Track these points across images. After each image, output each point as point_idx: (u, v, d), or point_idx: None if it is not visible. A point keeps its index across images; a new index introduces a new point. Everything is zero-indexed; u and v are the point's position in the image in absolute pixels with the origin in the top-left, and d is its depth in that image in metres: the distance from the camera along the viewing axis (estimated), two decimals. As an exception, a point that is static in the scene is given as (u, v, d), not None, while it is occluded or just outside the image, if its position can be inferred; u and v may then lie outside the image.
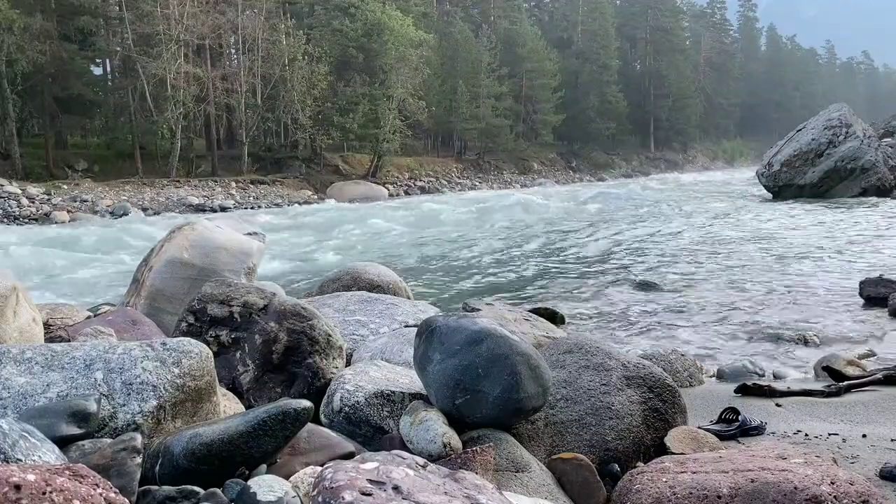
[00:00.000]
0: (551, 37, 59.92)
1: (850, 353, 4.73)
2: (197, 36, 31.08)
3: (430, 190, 37.63)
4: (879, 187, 21.00)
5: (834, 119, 22.47)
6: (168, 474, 1.80)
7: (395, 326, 3.59)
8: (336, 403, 2.45)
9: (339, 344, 2.88)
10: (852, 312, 6.50)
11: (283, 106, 34.07)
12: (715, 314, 6.76)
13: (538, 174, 50.18)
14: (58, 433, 1.77)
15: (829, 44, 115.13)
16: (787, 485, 1.90)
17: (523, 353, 2.32)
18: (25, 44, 25.97)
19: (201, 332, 2.82)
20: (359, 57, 35.57)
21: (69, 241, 15.83)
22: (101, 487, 1.34)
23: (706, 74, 77.39)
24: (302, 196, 30.59)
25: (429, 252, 13.36)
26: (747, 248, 11.56)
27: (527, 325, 4.13)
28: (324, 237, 16.74)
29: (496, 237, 15.49)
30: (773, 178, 22.83)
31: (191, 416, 2.11)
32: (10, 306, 2.75)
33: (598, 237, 14.46)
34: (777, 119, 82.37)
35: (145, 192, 26.96)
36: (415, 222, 19.60)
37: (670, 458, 2.32)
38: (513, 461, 2.20)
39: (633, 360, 2.86)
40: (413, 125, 38.65)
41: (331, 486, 1.46)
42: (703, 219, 17.32)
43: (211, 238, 4.26)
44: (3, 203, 22.14)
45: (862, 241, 11.58)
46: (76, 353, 2.10)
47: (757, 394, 3.65)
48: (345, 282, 5.01)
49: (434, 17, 50.80)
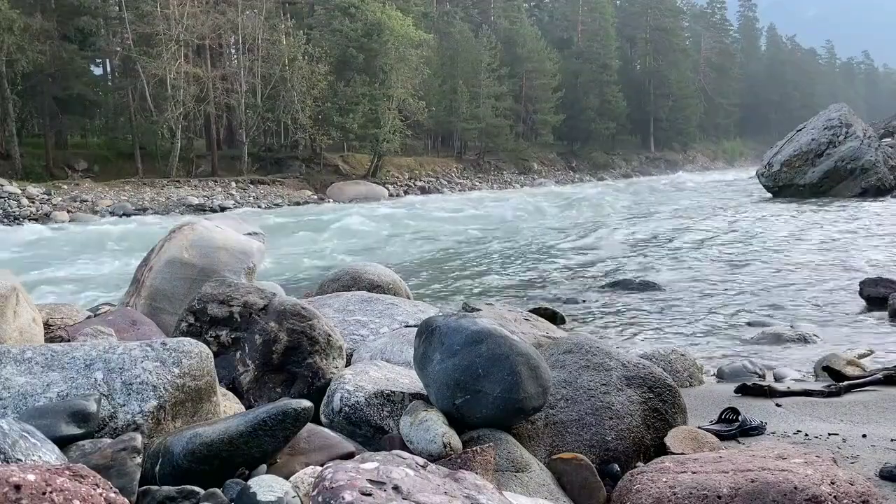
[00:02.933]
0: (551, 37, 59.94)
1: (850, 353, 4.72)
2: (197, 36, 31.08)
3: (429, 190, 37.62)
4: (879, 187, 21.00)
5: (834, 119, 22.47)
6: (168, 474, 1.80)
7: (395, 326, 3.58)
8: (336, 403, 2.45)
9: (340, 344, 2.88)
10: (852, 312, 6.50)
11: (283, 106, 34.06)
12: (715, 314, 6.76)
13: (538, 174, 50.19)
14: (58, 433, 1.77)
15: (829, 44, 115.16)
16: (787, 485, 1.90)
17: (523, 353, 2.31)
18: (25, 44, 25.96)
19: (201, 332, 2.82)
20: (359, 57, 35.57)
21: (69, 241, 15.83)
22: (101, 487, 1.35)
23: (706, 74, 77.40)
24: (302, 196, 30.59)
25: (429, 252, 13.36)
26: (747, 248, 11.56)
27: (527, 325, 4.13)
28: (324, 237, 16.73)
29: (496, 237, 15.49)
30: (773, 178, 22.83)
31: (191, 416, 2.11)
32: (11, 306, 2.75)
33: (599, 237, 14.46)
34: (777, 119, 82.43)
35: (145, 192, 26.96)
36: (415, 222, 19.59)
37: (670, 458, 2.32)
38: (513, 461, 2.20)
39: (633, 359, 2.86)
40: (413, 125, 38.63)
41: (331, 486, 1.46)
42: (703, 219, 17.32)
43: (211, 238, 4.26)
44: (3, 203, 22.14)
45: (862, 241, 11.58)
46: (76, 353, 2.10)
47: (757, 394, 3.65)
48: (345, 282, 5.01)
49: (434, 17, 50.79)
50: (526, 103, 53.01)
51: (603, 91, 59.18)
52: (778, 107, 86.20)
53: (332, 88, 34.89)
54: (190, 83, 30.54)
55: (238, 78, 33.30)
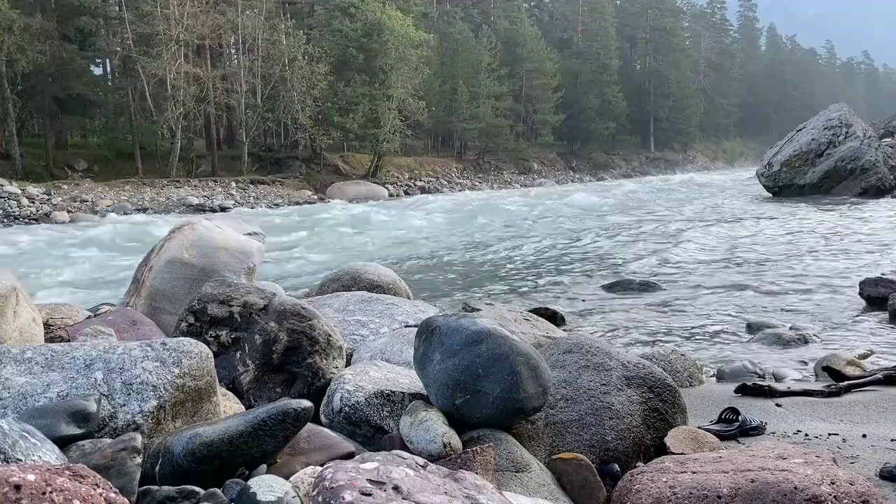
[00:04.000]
0: (551, 37, 59.94)
1: (850, 353, 4.72)
2: (197, 36, 31.08)
3: (430, 190, 37.62)
4: (879, 187, 21.00)
5: (834, 119, 22.48)
6: (168, 474, 1.80)
7: (395, 326, 3.58)
8: (336, 403, 2.45)
9: (340, 344, 2.88)
10: (852, 312, 6.50)
11: (283, 106, 34.05)
12: (715, 314, 6.76)
13: (538, 174, 50.19)
14: (58, 433, 1.77)
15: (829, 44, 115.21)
16: (787, 485, 1.90)
17: (523, 353, 2.31)
18: (25, 44, 25.96)
19: (201, 332, 2.82)
20: (359, 57, 35.57)
21: (69, 241, 15.83)
22: (101, 487, 1.34)
23: (706, 74, 77.41)
24: (302, 196, 30.59)
25: (429, 252, 13.36)
26: (747, 248, 11.56)
27: (527, 325, 4.13)
28: (323, 237, 16.74)
29: (496, 237, 15.49)
30: (773, 178, 22.84)
31: (191, 416, 2.11)
32: (11, 306, 2.75)
33: (598, 237, 14.46)
34: (777, 119, 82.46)
35: (145, 192, 26.96)
36: (415, 222, 19.60)
37: (670, 458, 2.32)
38: (513, 461, 2.20)
39: (633, 359, 2.86)
40: (413, 125, 38.63)
41: (331, 486, 1.46)
42: (703, 219, 17.32)
43: (211, 238, 4.26)
44: (3, 203, 22.14)
45: (862, 241, 11.57)
46: (76, 353, 2.10)
47: (757, 394, 3.65)
48: (345, 282, 5.01)
49: (434, 17, 50.78)
50: (526, 103, 53.00)
51: (603, 91, 59.19)
52: (778, 107, 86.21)
53: (332, 88, 34.89)
54: (190, 83, 30.54)
55: (238, 78, 33.30)
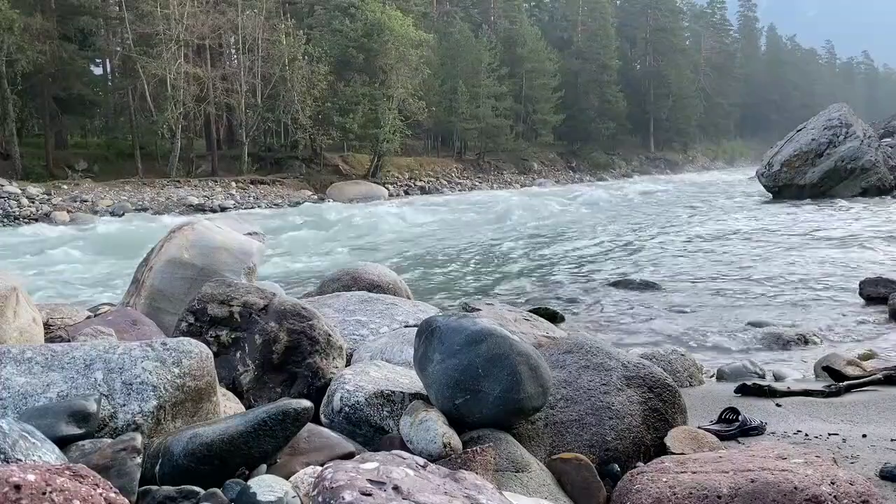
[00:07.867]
0: (551, 37, 59.88)
1: (850, 353, 4.72)
2: (197, 36, 31.07)
3: (429, 190, 37.61)
4: (879, 187, 21.01)
5: (834, 119, 22.47)
6: (168, 474, 1.80)
7: (395, 326, 3.58)
8: (336, 403, 2.45)
9: (339, 344, 2.88)
10: (852, 312, 6.50)
11: (283, 106, 34.05)
12: (715, 314, 6.76)
13: (538, 174, 50.16)
14: (58, 433, 1.76)
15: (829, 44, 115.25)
16: (787, 485, 1.90)
17: (523, 353, 2.31)
18: (25, 44, 25.96)
19: (201, 332, 2.82)
20: (359, 57, 35.57)
21: (69, 241, 15.82)
22: (101, 487, 1.34)
23: (706, 74, 77.36)
24: (302, 196, 30.58)
25: (429, 252, 13.36)
26: (747, 248, 11.56)
27: (527, 325, 4.13)
28: (323, 237, 16.74)
29: (496, 237, 15.49)
30: (773, 178, 22.83)
31: (191, 416, 2.11)
32: (11, 306, 2.75)
33: (598, 237, 14.46)
34: (777, 119, 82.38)
35: (145, 192, 26.96)
36: (415, 222, 19.59)
37: (670, 458, 2.32)
38: (513, 461, 2.20)
39: (633, 360, 2.86)
40: (413, 125, 38.62)
41: (331, 486, 1.46)
42: (703, 219, 17.33)
43: (211, 238, 4.26)
44: (3, 203, 22.14)
45: (861, 241, 11.58)
46: (76, 353, 2.10)
47: (757, 394, 3.65)
48: (345, 282, 5.00)
49: (434, 17, 50.78)
50: (526, 103, 52.95)
51: (603, 91, 59.17)
52: (778, 107, 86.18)
53: (332, 88, 34.88)
54: (190, 83, 30.53)
55: (238, 78, 33.28)
